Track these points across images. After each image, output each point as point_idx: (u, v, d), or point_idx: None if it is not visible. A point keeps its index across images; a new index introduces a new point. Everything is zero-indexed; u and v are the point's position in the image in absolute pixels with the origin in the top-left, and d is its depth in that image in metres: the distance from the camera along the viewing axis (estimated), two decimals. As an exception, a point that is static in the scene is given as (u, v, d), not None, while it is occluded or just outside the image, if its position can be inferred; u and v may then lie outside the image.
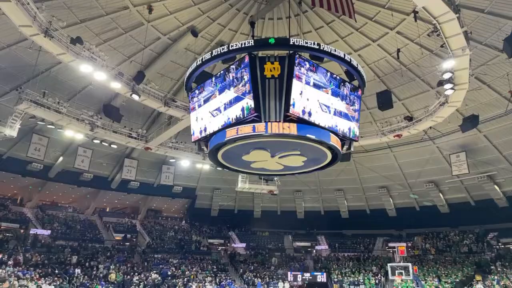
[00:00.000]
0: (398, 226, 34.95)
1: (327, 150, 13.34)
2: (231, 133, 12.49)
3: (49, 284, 21.30)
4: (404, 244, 29.47)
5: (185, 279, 27.23)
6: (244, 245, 36.90)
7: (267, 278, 29.87)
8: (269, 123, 11.92)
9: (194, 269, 29.81)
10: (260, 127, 11.98)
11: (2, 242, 25.54)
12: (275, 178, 30.36)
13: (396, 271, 24.90)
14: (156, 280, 26.05)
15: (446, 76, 16.28)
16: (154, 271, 27.61)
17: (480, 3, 16.96)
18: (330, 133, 12.51)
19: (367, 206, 35.94)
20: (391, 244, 33.52)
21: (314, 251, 36.58)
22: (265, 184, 30.89)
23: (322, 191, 36.20)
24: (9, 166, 27.20)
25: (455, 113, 20.54)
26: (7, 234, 27.04)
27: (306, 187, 35.92)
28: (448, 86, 16.70)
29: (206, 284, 27.03)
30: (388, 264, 26.14)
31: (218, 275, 29.59)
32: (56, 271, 23.77)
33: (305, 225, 37.95)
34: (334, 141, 12.70)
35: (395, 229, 35.38)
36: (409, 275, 24.60)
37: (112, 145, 24.71)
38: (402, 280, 25.10)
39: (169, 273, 27.98)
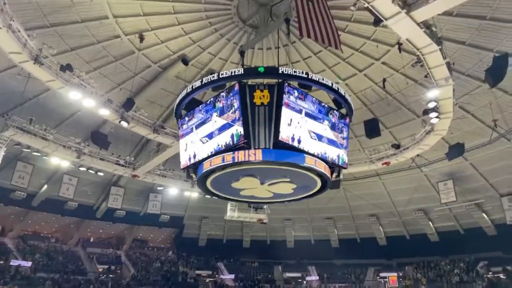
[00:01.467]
0: (389, 255, 34.61)
1: (317, 177, 13.32)
2: (216, 161, 12.55)
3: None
4: (395, 274, 29.06)
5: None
6: (232, 276, 35.90)
7: (257, 311, 28.88)
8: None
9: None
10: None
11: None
12: (265, 206, 30.05)
13: (389, 302, 24.41)
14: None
15: (431, 105, 16.69)
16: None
17: (461, 36, 17.69)
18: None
19: (357, 234, 35.65)
20: (382, 274, 33.01)
21: (305, 282, 35.74)
22: (255, 213, 30.51)
23: (312, 219, 35.88)
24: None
25: (441, 141, 20.92)
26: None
27: (296, 216, 35.59)
28: (433, 114, 17.09)
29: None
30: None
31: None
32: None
33: (295, 254, 37.29)
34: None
35: (385, 258, 35.00)
36: (401, 306, 24.13)
37: (98, 173, 24.31)
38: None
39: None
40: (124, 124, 18.97)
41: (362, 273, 35.08)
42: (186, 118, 14.16)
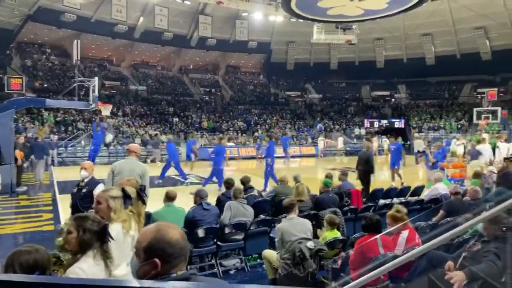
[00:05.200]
0: (492, 71, 31.91)
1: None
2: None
3: (154, 130, 25.33)
4: (496, 89, 27.13)
5: (267, 126, 30.04)
6: (320, 96, 37.82)
7: (344, 125, 31.35)
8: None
9: (274, 118, 32.32)
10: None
11: (109, 97, 29.81)
12: (354, 26, 28.46)
13: (482, 115, 23.92)
14: (242, 127, 29.29)
15: None
16: (239, 120, 30.72)
17: None
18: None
19: (458, 50, 32.78)
20: (480, 90, 31.35)
21: (393, 100, 36.22)
22: (342, 34, 29.38)
23: (406, 37, 33.39)
24: (98, 29, 29.38)
25: None
26: (112, 91, 31.24)
27: (388, 34, 33.32)
28: None
29: (286, 130, 29.55)
30: (474, 109, 25.04)
31: (297, 122, 31.83)
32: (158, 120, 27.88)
33: (384, 74, 36.69)
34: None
35: (488, 74, 32.45)
36: (496, 118, 23.63)
37: (185, 1, 24.71)
38: (487, 124, 24.13)
39: (253, 121, 30.95)
40: None
41: (457, 89, 33.87)
42: None
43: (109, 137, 20.78)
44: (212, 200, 5.71)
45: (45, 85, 26.81)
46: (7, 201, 9.05)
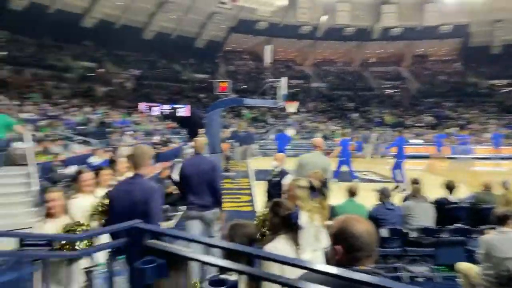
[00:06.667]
0: None
1: None
2: None
3: (335, 126, 25.73)
4: None
5: (464, 121, 26.05)
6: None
7: None
8: None
9: (472, 111, 27.73)
10: None
11: (293, 95, 31.91)
12: None
13: None
14: (431, 122, 26.39)
15: None
16: (427, 114, 27.76)
17: None
18: None
19: None
20: None
21: None
22: None
23: None
24: (286, 33, 32.06)
25: None
26: (296, 89, 33.36)
27: None
28: None
29: (488, 126, 24.89)
30: None
31: (505, 117, 26.32)
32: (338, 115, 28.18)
33: None
34: None
35: None
36: None
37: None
38: None
39: (444, 115, 27.44)
40: None
41: None
42: None
43: (291, 132, 22.32)
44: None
45: (244, 86, 31.02)
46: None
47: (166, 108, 23.63)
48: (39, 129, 12.16)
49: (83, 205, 3.23)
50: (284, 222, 2.22)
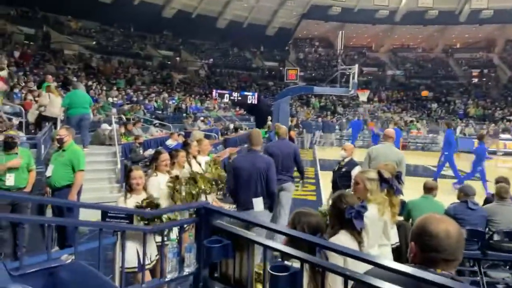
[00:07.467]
0: None
1: None
2: None
3: (410, 117, 24.14)
4: None
5: None
6: None
7: None
8: None
9: None
10: None
11: (366, 83, 30.57)
12: None
13: None
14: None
15: None
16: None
17: None
18: None
19: None
20: None
21: None
22: None
23: None
24: (360, 18, 30.53)
25: None
26: (369, 77, 31.88)
27: None
28: None
29: None
30: None
31: None
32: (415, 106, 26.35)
33: None
34: None
35: None
36: None
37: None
38: None
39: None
40: None
41: None
42: None
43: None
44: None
45: (313, 74, 30.46)
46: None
47: (236, 95, 24.22)
48: (124, 113, 13.28)
49: (160, 182, 3.56)
50: (342, 217, 2.14)
